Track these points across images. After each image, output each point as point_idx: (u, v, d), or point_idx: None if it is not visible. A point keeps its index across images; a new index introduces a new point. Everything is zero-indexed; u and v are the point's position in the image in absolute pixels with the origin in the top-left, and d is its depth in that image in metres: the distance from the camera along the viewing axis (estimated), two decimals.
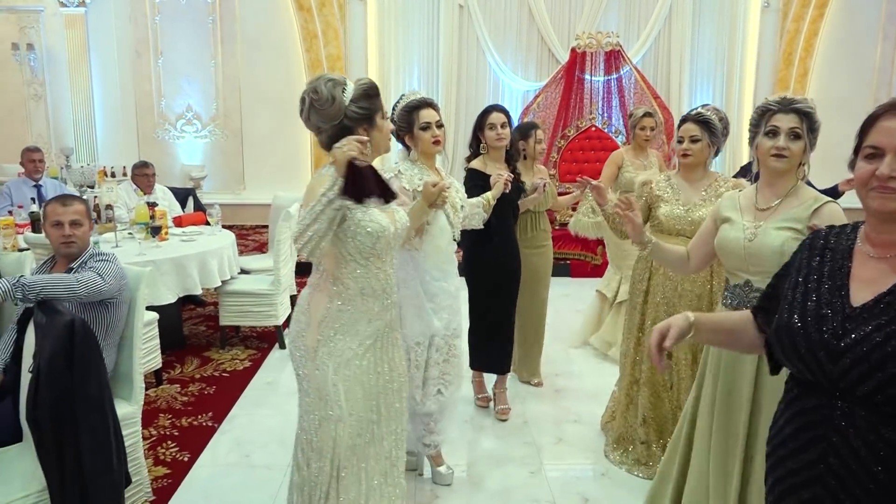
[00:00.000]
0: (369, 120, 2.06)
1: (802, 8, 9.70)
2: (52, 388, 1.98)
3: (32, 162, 5.37)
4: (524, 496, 2.91)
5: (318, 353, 2.05)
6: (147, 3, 9.34)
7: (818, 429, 1.27)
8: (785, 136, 2.05)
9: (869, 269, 1.33)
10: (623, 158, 4.40)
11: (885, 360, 1.18)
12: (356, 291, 2.06)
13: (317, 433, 2.07)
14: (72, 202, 2.73)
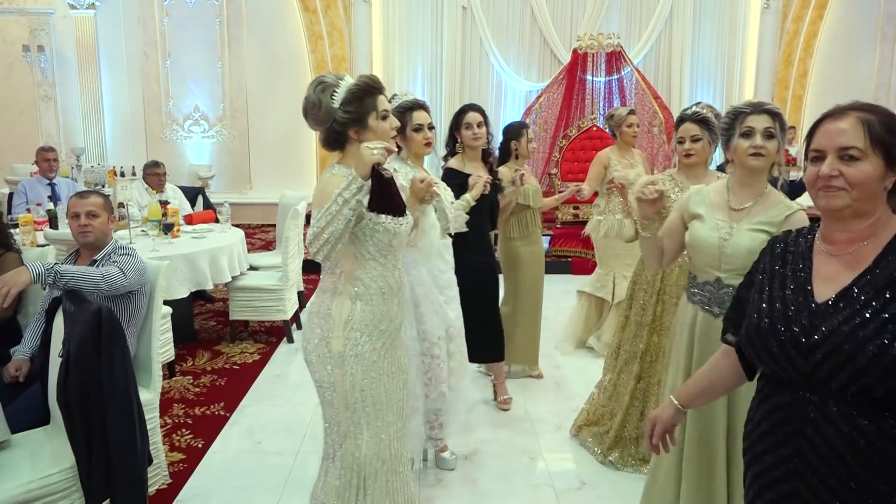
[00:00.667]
0: (359, 122, 2.03)
1: (802, 9, 9.81)
2: (80, 372, 2.11)
3: (47, 161, 5.52)
4: (524, 481, 3.04)
5: (346, 357, 2.03)
6: (155, 5, 9.49)
7: (793, 424, 1.33)
8: (760, 136, 2.13)
9: (828, 267, 1.39)
10: (609, 158, 4.50)
11: (855, 350, 1.24)
12: (377, 291, 2.06)
13: (340, 446, 2.09)
14: (90, 195, 2.89)
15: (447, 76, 9.82)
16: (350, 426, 2.07)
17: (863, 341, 1.24)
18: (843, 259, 1.37)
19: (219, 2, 9.53)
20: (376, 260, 2.05)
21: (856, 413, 1.25)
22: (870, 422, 1.24)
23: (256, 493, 2.91)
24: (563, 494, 2.91)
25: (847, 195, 1.33)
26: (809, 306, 1.35)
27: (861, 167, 1.32)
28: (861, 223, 1.36)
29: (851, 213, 1.34)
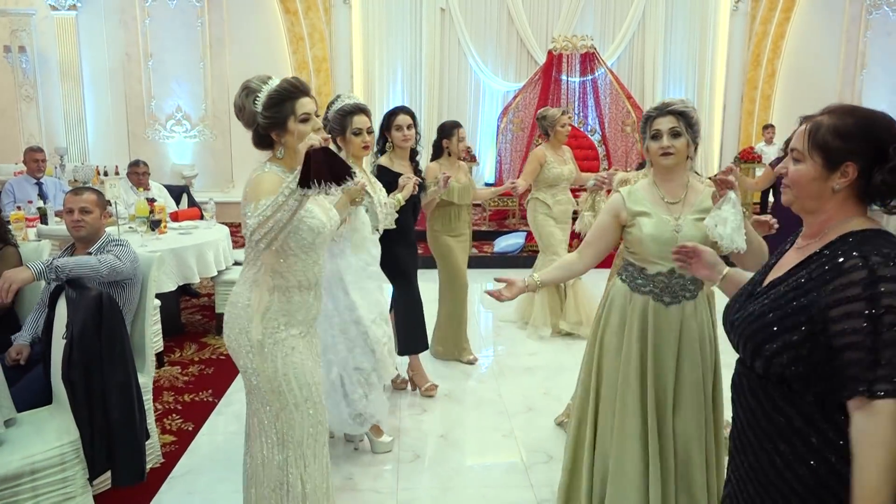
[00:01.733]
0: (279, 126, 2.06)
1: (770, 11, 10.14)
2: (83, 353, 2.29)
3: (35, 161, 5.65)
4: (496, 455, 3.27)
5: (265, 344, 2.11)
6: (137, 6, 9.60)
7: (734, 388, 1.52)
8: (667, 136, 2.25)
9: (789, 257, 1.49)
10: (545, 155, 4.76)
11: (752, 333, 1.39)
12: (294, 284, 2.13)
13: (275, 426, 2.14)
14: (84, 192, 3.05)
15: (426, 76, 10.03)
16: (281, 409, 2.13)
17: (761, 327, 1.38)
18: (800, 252, 1.46)
19: (200, 3, 9.66)
20: (297, 256, 2.11)
21: (760, 383, 1.41)
22: (762, 391, 1.41)
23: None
24: (532, 467, 3.13)
25: (790, 192, 1.45)
26: (753, 290, 1.50)
27: (798, 168, 1.41)
28: (811, 219, 1.45)
29: (798, 208, 1.45)
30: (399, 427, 3.52)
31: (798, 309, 1.33)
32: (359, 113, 3.04)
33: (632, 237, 2.33)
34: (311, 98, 2.12)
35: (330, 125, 3.05)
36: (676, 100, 2.35)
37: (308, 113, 2.07)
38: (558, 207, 4.82)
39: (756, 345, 1.39)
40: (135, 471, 2.44)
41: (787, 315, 1.34)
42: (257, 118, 2.05)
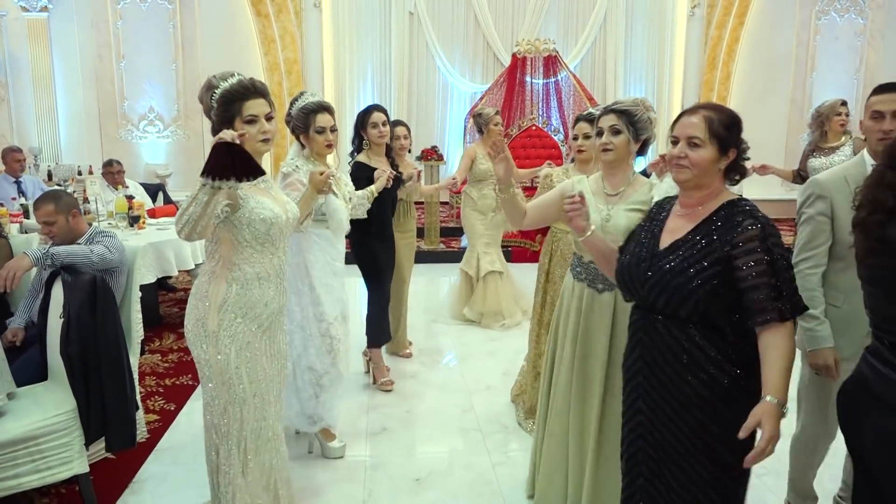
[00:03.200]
0: (227, 124, 2.10)
1: (724, 16, 10.58)
2: (79, 330, 2.54)
3: (17, 161, 5.82)
4: (457, 426, 3.58)
5: (220, 336, 2.13)
6: (109, 8, 9.70)
7: (638, 334, 1.89)
8: (607, 133, 2.39)
9: (675, 223, 1.87)
10: (476, 152, 5.04)
11: (667, 284, 1.76)
12: (253, 276, 2.16)
13: (223, 418, 2.18)
14: (40, 206, 3.14)
15: (395, 78, 10.29)
16: (228, 402, 2.18)
17: (672, 278, 1.75)
18: (684, 219, 1.85)
19: (172, 5, 9.80)
20: (253, 247, 2.15)
21: (672, 326, 1.78)
22: (680, 332, 1.77)
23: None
24: (489, 436, 3.44)
25: (689, 171, 1.79)
26: (653, 251, 1.85)
27: (700, 152, 1.78)
28: (700, 192, 1.83)
29: (693, 184, 1.82)
30: (367, 404, 3.80)
31: (712, 261, 1.71)
32: (322, 111, 3.03)
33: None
34: (264, 100, 2.14)
35: (293, 122, 3.09)
36: (628, 99, 2.43)
37: (255, 115, 2.11)
38: (483, 201, 5.10)
39: (680, 292, 1.73)
40: (126, 437, 2.69)
41: (704, 267, 1.71)
42: (212, 114, 2.14)
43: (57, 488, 2.88)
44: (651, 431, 1.86)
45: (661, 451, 1.84)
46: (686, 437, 1.78)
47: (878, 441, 1.46)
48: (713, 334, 1.74)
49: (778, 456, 1.73)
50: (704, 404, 1.75)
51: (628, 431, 1.95)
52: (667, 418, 1.81)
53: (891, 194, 1.48)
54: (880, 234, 1.49)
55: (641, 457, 1.89)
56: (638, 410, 1.89)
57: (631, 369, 1.93)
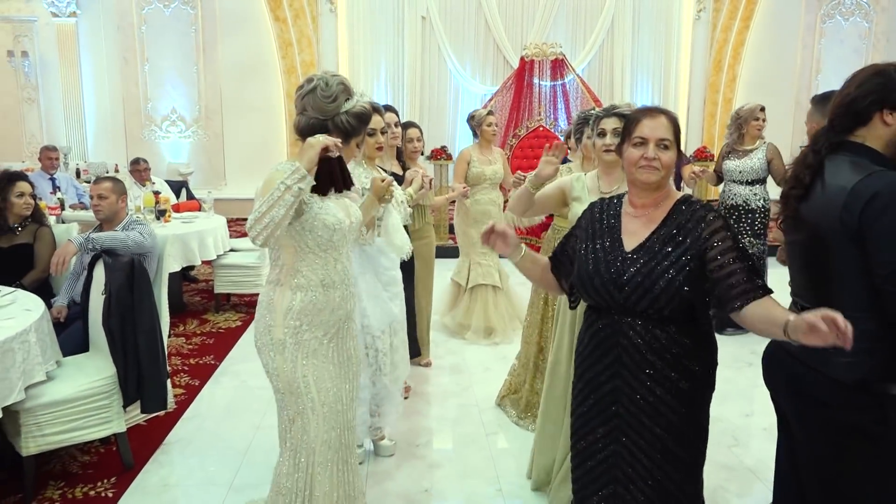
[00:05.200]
0: (347, 137, 2.13)
1: (730, 20, 10.82)
2: (119, 305, 2.89)
3: (50, 159, 6.23)
4: (456, 402, 3.89)
5: (287, 345, 2.10)
6: (134, 13, 10.14)
7: (613, 338, 1.80)
8: (610, 135, 2.49)
9: (632, 225, 1.86)
10: (470, 155, 4.78)
11: (651, 285, 1.72)
12: (317, 283, 2.12)
13: (290, 429, 2.15)
14: (102, 182, 3.67)
15: (408, 80, 10.62)
16: (296, 411, 2.13)
17: (655, 278, 1.73)
18: (642, 220, 1.85)
19: (194, 10, 10.21)
20: (315, 254, 2.11)
21: (652, 326, 1.76)
22: (661, 331, 1.76)
23: (244, 413, 3.70)
24: (485, 411, 3.75)
25: (659, 173, 1.80)
26: (622, 254, 1.81)
27: (669, 154, 1.80)
28: (657, 193, 1.84)
29: (657, 186, 1.82)
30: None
31: (688, 257, 1.71)
32: (374, 113, 2.89)
33: (568, 220, 2.66)
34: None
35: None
36: (623, 104, 2.60)
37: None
38: (476, 207, 4.77)
39: (666, 292, 1.71)
40: (159, 400, 3.04)
41: (682, 263, 1.71)
42: (337, 115, 2.10)
43: (96, 448, 3.23)
44: (627, 434, 1.82)
45: (638, 451, 1.81)
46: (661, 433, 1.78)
47: (787, 384, 1.75)
48: (689, 329, 1.77)
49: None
50: (682, 396, 1.77)
51: (602, 436, 1.86)
52: (646, 416, 1.79)
53: (808, 172, 1.77)
54: (796, 207, 1.79)
55: (616, 461, 1.84)
56: (614, 414, 1.83)
57: (603, 374, 1.85)
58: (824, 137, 1.74)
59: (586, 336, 1.90)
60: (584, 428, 1.90)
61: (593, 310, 1.90)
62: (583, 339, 1.92)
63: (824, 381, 1.70)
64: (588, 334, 1.89)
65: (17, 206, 3.68)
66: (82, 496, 2.86)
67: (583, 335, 1.93)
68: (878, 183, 1.55)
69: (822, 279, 1.73)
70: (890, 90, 1.65)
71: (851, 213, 1.56)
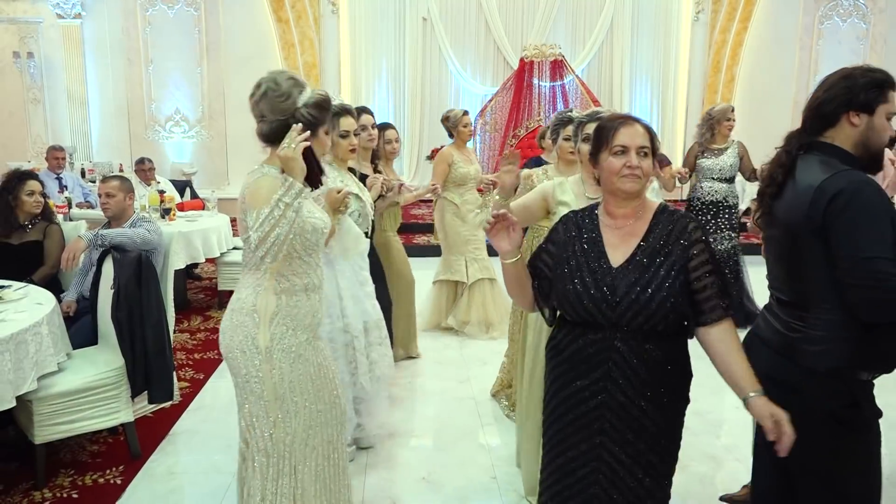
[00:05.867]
0: (313, 129, 2.07)
1: (728, 21, 10.91)
2: (128, 299, 3.00)
3: (56, 159, 6.35)
4: (453, 396, 4.00)
5: (273, 351, 2.06)
6: (138, 16, 10.25)
7: (602, 354, 1.74)
8: None
9: (615, 237, 1.80)
10: (452, 155, 4.80)
11: (645, 303, 1.69)
12: (301, 287, 2.11)
13: (272, 436, 2.11)
14: (110, 180, 3.79)
15: (409, 81, 10.73)
16: (279, 415, 2.11)
17: (652, 294, 1.69)
18: (622, 231, 1.79)
19: (197, 12, 10.32)
20: (301, 258, 2.10)
21: (643, 341, 1.72)
22: (653, 346, 1.73)
23: None
24: (481, 403, 3.86)
25: (640, 181, 1.76)
26: (610, 272, 1.75)
27: (648, 161, 1.77)
28: (635, 203, 1.80)
29: (637, 194, 1.79)
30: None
31: (678, 269, 1.70)
32: (345, 115, 2.96)
33: (550, 221, 2.53)
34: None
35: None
36: (604, 109, 2.69)
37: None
38: (466, 207, 4.82)
39: (652, 307, 1.68)
40: (165, 391, 3.15)
41: (664, 276, 1.70)
42: (296, 111, 2.05)
43: (105, 438, 3.33)
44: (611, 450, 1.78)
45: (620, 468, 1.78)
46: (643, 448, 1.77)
47: (762, 374, 1.86)
48: (677, 341, 1.78)
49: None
50: (665, 409, 1.77)
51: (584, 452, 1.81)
52: (631, 432, 1.76)
53: (781, 171, 1.88)
54: (770, 204, 1.89)
55: (596, 477, 1.79)
56: (598, 431, 1.78)
57: (587, 390, 1.78)
58: (796, 139, 1.84)
59: (568, 350, 1.82)
60: (563, 444, 1.84)
61: (577, 325, 1.80)
62: (561, 352, 1.84)
63: (797, 369, 1.80)
64: (572, 349, 1.81)
65: (28, 205, 3.79)
66: (92, 483, 2.97)
67: (561, 348, 1.84)
68: (841, 181, 1.65)
69: (794, 272, 1.83)
70: (855, 93, 1.76)
71: (817, 210, 1.66)
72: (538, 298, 1.92)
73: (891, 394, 2.48)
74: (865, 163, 1.79)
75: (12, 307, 2.93)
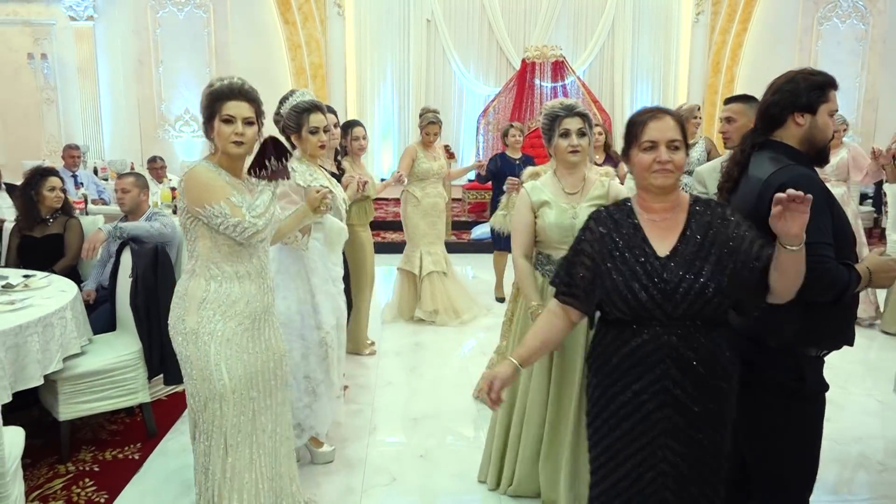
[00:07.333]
0: (218, 122, 2.24)
1: (728, 22, 11.07)
2: (145, 287, 3.21)
3: (72, 157, 6.60)
4: (452, 382, 4.21)
5: (200, 334, 2.15)
6: (149, 17, 10.49)
7: (658, 352, 1.70)
8: (575, 135, 2.51)
9: (655, 230, 1.78)
10: (417, 151, 5.06)
11: (701, 290, 1.67)
12: (232, 274, 2.18)
13: (202, 414, 2.20)
14: (125, 177, 4.01)
15: (413, 81, 10.94)
16: (209, 398, 2.19)
17: (705, 283, 1.68)
18: (663, 225, 1.78)
19: (207, 14, 10.56)
20: (230, 246, 2.17)
21: (698, 333, 1.70)
22: (705, 338, 1.71)
23: None
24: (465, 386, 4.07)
25: (674, 175, 1.75)
26: (659, 261, 1.72)
27: (680, 154, 1.76)
28: (672, 196, 1.79)
29: (672, 188, 1.78)
30: (379, 364, 4.45)
31: (718, 257, 1.70)
32: (315, 111, 2.92)
33: (538, 226, 2.59)
34: (247, 104, 2.23)
35: (284, 122, 2.96)
36: (577, 101, 2.62)
37: (232, 116, 2.19)
38: (427, 200, 5.07)
39: (708, 294, 1.67)
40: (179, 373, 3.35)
41: (715, 264, 1.69)
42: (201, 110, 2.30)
43: (123, 419, 3.56)
44: (677, 451, 1.75)
45: (685, 468, 1.75)
46: (707, 444, 1.76)
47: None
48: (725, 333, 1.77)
49: None
50: (724, 403, 1.77)
51: (646, 458, 1.76)
52: (693, 429, 1.73)
53: (737, 168, 2.07)
54: (728, 198, 2.08)
55: (664, 481, 1.76)
56: (662, 433, 1.74)
57: (646, 392, 1.74)
58: (750, 138, 2.04)
59: (617, 355, 1.76)
60: (618, 457, 1.78)
61: (625, 325, 1.76)
62: (609, 359, 1.78)
63: (750, 344, 1.99)
64: (622, 352, 1.75)
65: (49, 199, 4.01)
66: (112, 458, 3.19)
67: (609, 354, 1.79)
68: (785, 175, 1.84)
69: None
70: (798, 95, 1.95)
71: (763, 201, 1.84)
72: (579, 307, 1.86)
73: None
74: (813, 157, 1.98)
75: (39, 294, 3.16)
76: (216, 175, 2.15)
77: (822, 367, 2.03)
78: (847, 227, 1.93)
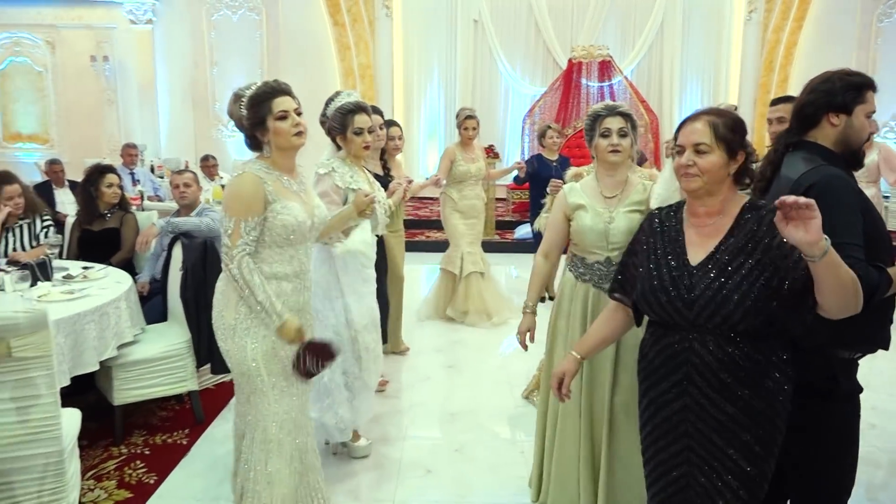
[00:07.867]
0: (261, 125, 2.23)
1: (782, 20, 10.79)
2: (194, 280, 3.36)
3: (130, 155, 6.89)
4: (491, 379, 4.26)
5: (237, 330, 2.21)
6: (204, 21, 10.83)
7: (682, 355, 1.72)
8: (616, 135, 2.43)
9: (695, 236, 1.77)
10: (455, 153, 5.03)
11: (724, 300, 1.65)
12: (270, 275, 2.22)
13: (247, 406, 2.28)
14: (185, 173, 4.22)
15: (460, 82, 11.02)
16: (251, 392, 2.26)
17: (729, 293, 1.65)
18: (706, 230, 1.75)
19: (259, 17, 10.83)
20: (271, 248, 2.22)
21: (724, 343, 1.68)
22: (733, 348, 1.68)
23: None
24: (517, 386, 4.09)
25: (699, 179, 1.71)
26: (688, 269, 1.73)
27: (708, 158, 1.69)
28: (713, 199, 1.74)
29: (704, 192, 1.73)
30: (417, 360, 4.52)
31: (753, 265, 1.64)
32: (360, 112, 2.94)
33: (573, 229, 2.53)
34: (289, 97, 2.26)
35: (329, 123, 2.99)
36: (621, 103, 2.72)
37: (285, 111, 2.21)
38: (464, 202, 5.11)
39: (730, 306, 1.64)
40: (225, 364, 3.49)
41: (747, 275, 1.64)
42: (244, 121, 2.21)
43: (172, 406, 3.71)
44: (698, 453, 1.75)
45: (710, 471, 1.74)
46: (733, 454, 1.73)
47: None
48: (762, 345, 1.71)
49: None
50: (755, 415, 1.70)
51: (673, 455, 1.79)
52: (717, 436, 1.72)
53: (770, 168, 2.07)
54: (760, 197, 2.08)
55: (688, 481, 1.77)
56: (683, 433, 1.76)
57: (670, 392, 1.77)
58: (784, 138, 2.03)
59: (651, 352, 1.83)
60: (656, 444, 1.83)
61: (659, 325, 1.81)
62: (646, 355, 1.85)
63: None
64: (653, 351, 1.82)
65: (107, 195, 4.21)
66: (161, 443, 3.34)
67: (646, 350, 1.85)
68: (816, 175, 1.83)
69: None
70: (833, 95, 1.94)
71: None
72: (624, 297, 1.93)
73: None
74: (847, 158, 1.97)
75: (96, 284, 3.33)
76: (259, 189, 2.17)
77: (856, 370, 2.02)
78: (882, 228, 1.91)
